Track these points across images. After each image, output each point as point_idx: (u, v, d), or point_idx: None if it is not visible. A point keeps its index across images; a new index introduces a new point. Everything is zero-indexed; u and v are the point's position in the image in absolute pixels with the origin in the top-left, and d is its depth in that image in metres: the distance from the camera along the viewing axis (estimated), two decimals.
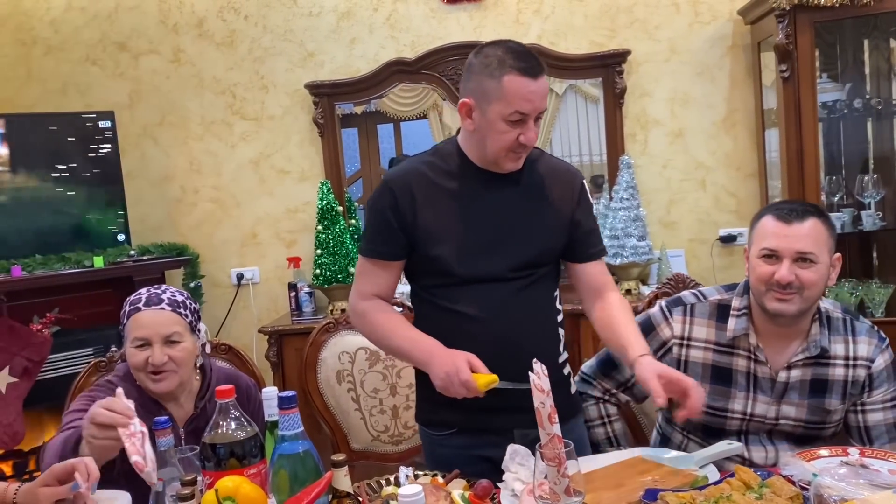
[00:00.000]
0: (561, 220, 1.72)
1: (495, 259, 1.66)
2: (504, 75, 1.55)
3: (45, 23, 3.75)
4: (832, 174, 3.25)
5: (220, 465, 1.27)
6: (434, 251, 1.66)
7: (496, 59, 1.57)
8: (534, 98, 1.56)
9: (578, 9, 3.55)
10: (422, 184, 1.68)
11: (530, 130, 1.59)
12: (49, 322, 3.13)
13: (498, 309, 1.66)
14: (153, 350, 1.66)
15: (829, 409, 1.69)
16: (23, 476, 3.24)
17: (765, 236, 1.65)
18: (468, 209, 1.67)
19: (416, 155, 1.78)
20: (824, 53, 3.32)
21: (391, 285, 1.75)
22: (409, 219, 1.67)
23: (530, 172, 1.71)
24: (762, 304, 1.65)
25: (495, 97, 1.56)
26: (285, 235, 3.76)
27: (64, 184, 3.35)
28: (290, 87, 3.69)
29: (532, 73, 1.56)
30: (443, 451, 1.74)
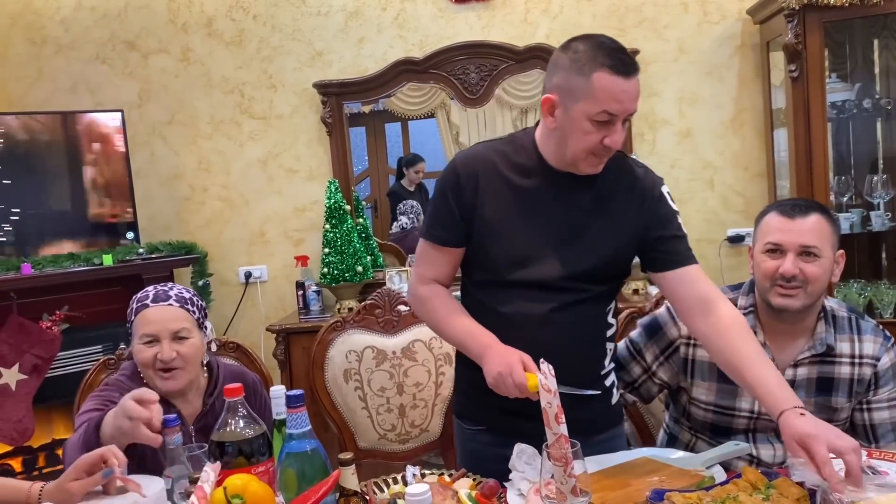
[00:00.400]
0: (631, 231, 1.60)
1: (549, 266, 1.57)
2: (594, 72, 1.44)
3: (55, 22, 3.77)
4: (841, 174, 3.24)
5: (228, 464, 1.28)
6: (488, 246, 1.60)
7: (587, 54, 1.46)
8: (624, 98, 1.46)
9: (587, 8, 3.55)
10: (489, 173, 1.59)
11: (616, 133, 1.48)
12: (58, 319, 3.16)
13: (544, 318, 1.57)
14: (162, 346, 1.66)
15: (836, 407, 1.69)
16: (32, 472, 3.27)
17: (768, 232, 1.66)
18: (532, 209, 1.58)
19: (489, 140, 1.68)
20: (833, 53, 3.31)
21: (450, 272, 1.68)
22: (469, 207, 1.59)
23: (606, 177, 1.59)
24: (767, 299, 1.66)
25: (583, 95, 1.46)
26: (293, 234, 3.77)
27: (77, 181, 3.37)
28: (298, 86, 3.70)
29: (625, 72, 1.45)
30: (472, 446, 1.72)
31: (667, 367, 1.78)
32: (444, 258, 1.66)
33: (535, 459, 1.43)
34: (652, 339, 1.79)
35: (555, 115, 1.52)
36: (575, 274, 1.57)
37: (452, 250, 1.65)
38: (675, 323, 1.77)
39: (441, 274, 1.67)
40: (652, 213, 1.61)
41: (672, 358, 1.76)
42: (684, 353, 1.75)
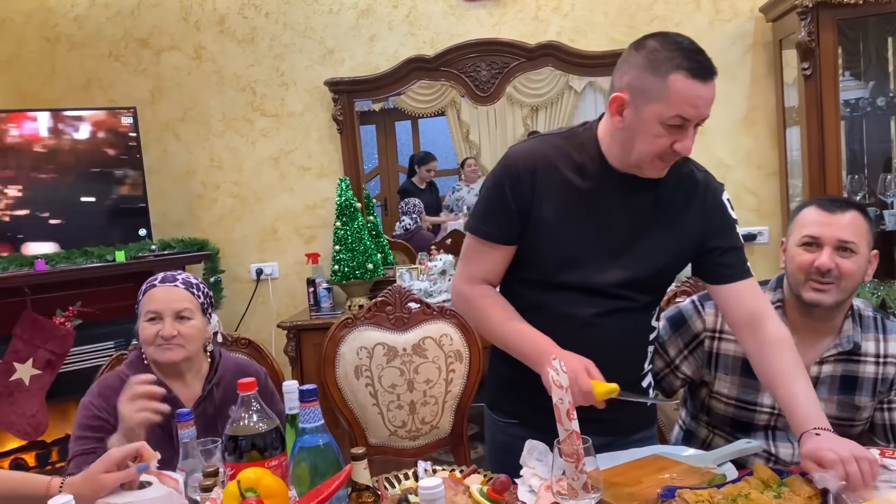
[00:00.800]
0: (689, 240, 1.57)
1: (601, 271, 1.53)
2: (670, 73, 1.38)
3: (69, 19, 3.79)
4: (854, 173, 3.22)
5: (241, 457, 1.29)
6: (540, 246, 1.54)
7: (664, 54, 1.39)
8: (700, 104, 1.40)
9: (598, 6, 3.54)
10: (547, 170, 1.52)
11: (687, 138, 1.42)
12: (71, 315, 3.18)
13: (587, 321, 1.53)
14: (164, 323, 1.74)
15: (859, 406, 1.69)
16: (45, 466, 3.30)
17: (806, 225, 1.65)
18: (589, 211, 1.52)
19: (546, 134, 1.61)
20: (847, 51, 3.29)
21: (501, 271, 1.60)
22: (527, 203, 1.52)
23: (668, 181, 1.53)
24: (799, 293, 1.65)
25: (656, 97, 1.39)
26: (304, 231, 3.79)
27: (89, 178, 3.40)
28: (309, 83, 3.71)
29: (703, 76, 1.39)
30: (503, 438, 1.70)
31: (691, 360, 1.78)
32: (496, 256, 1.58)
33: (547, 456, 1.43)
34: (676, 332, 1.79)
35: (623, 114, 1.45)
36: (626, 282, 1.54)
37: (505, 248, 1.57)
38: (700, 315, 1.76)
39: (491, 273, 1.60)
40: (711, 222, 1.58)
41: (696, 351, 1.76)
42: (709, 347, 1.75)
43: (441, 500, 1.08)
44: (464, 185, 3.99)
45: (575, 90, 3.71)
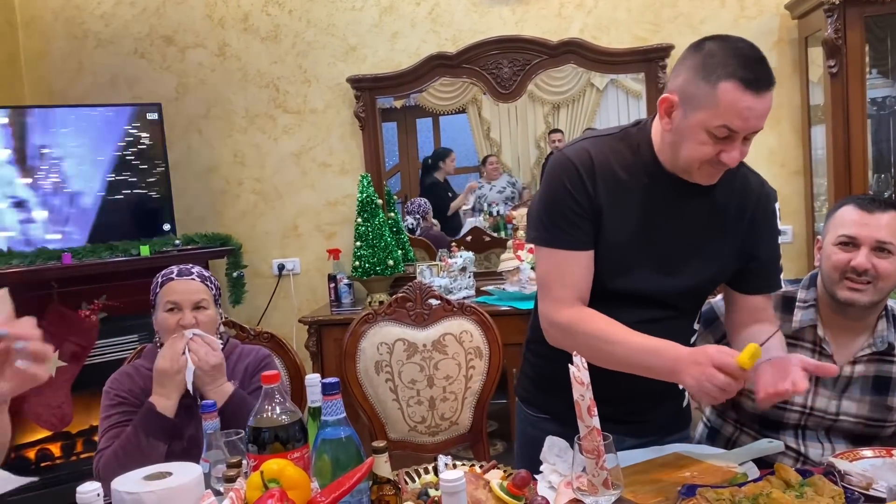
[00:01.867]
0: (739, 248, 1.53)
1: (650, 279, 1.49)
2: (721, 81, 1.32)
3: (95, 17, 3.84)
4: (881, 172, 3.18)
5: (264, 449, 1.30)
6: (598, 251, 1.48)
7: (719, 59, 1.33)
8: (750, 116, 1.33)
9: (621, 3, 3.53)
10: (604, 170, 1.46)
11: (735, 150, 1.36)
12: (97, 309, 3.23)
13: (637, 328, 1.45)
14: (184, 313, 1.84)
15: (892, 407, 1.67)
16: (70, 457, 3.35)
17: (843, 224, 1.64)
18: (644, 215, 1.47)
19: (597, 135, 1.54)
20: (874, 48, 3.24)
21: (588, 282, 1.48)
22: (590, 202, 1.45)
23: (723, 186, 1.48)
24: (833, 292, 1.64)
25: (704, 104, 1.34)
26: (325, 227, 3.81)
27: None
28: (332, 80, 3.73)
29: (756, 87, 1.31)
30: (533, 432, 1.67)
31: None
32: (581, 265, 1.47)
33: (567, 452, 1.43)
34: (708, 328, 1.78)
35: (672, 116, 1.40)
36: (675, 292, 1.50)
37: (588, 254, 1.47)
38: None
39: (582, 286, 1.48)
40: (761, 231, 1.54)
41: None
42: None
43: (463, 493, 1.09)
44: (484, 181, 3.99)
45: (597, 87, 3.70)
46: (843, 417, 1.68)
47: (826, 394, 1.68)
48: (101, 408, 1.85)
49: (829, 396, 1.68)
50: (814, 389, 1.69)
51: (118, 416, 1.82)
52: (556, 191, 1.47)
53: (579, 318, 1.47)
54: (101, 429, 1.83)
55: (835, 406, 1.68)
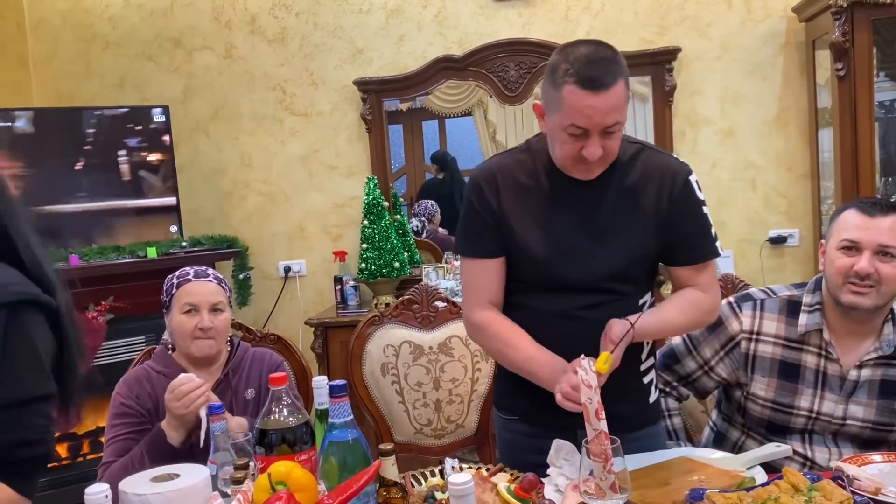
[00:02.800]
0: (654, 224, 1.58)
1: (578, 268, 1.57)
2: (564, 85, 1.42)
3: (104, 19, 3.86)
4: (888, 175, 3.17)
5: (271, 451, 1.31)
6: (513, 252, 1.60)
7: (562, 65, 1.43)
8: (592, 114, 1.41)
9: (628, 6, 3.52)
10: (508, 180, 1.60)
11: (593, 145, 1.45)
12: (104, 310, 3.24)
13: (572, 315, 1.57)
14: (202, 315, 1.83)
15: None
16: (76, 458, 3.36)
17: (846, 228, 1.64)
18: (549, 213, 1.58)
19: (505, 151, 1.70)
20: (882, 51, 3.23)
21: (501, 285, 1.64)
22: (496, 212, 1.60)
23: (625, 172, 1.58)
24: (837, 296, 1.64)
25: (556, 107, 1.46)
26: (332, 229, 3.82)
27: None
28: (339, 83, 3.74)
29: (592, 86, 1.40)
30: (507, 435, 1.75)
31: (727, 362, 1.76)
32: (491, 271, 1.62)
33: (574, 455, 1.43)
34: (712, 332, 1.77)
35: (544, 120, 1.54)
36: (605, 275, 1.57)
37: (496, 261, 1.62)
38: (738, 317, 1.75)
39: (493, 290, 1.63)
40: (674, 201, 1.58)
41: (732, 353, 1.75)
42: (745, 348, 1.74)
43: (471, 496, 1.09)
44: None
45: None
46: (850, 422, 1.68)
47: (833, 398, 1.68)
48: (108, 415, 1.84)
49: (835, 401, 1.67)
50: (820, 394, 1.68)
51: (122, 427, 1.80)
52: (467, 208, 1.64)
53: (489, 321, 1.62)
54: (106, 438, 1.83)
55: (841, 410, 1.67)
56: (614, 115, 1.43)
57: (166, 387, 1.82)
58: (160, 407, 1.82)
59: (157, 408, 1.82)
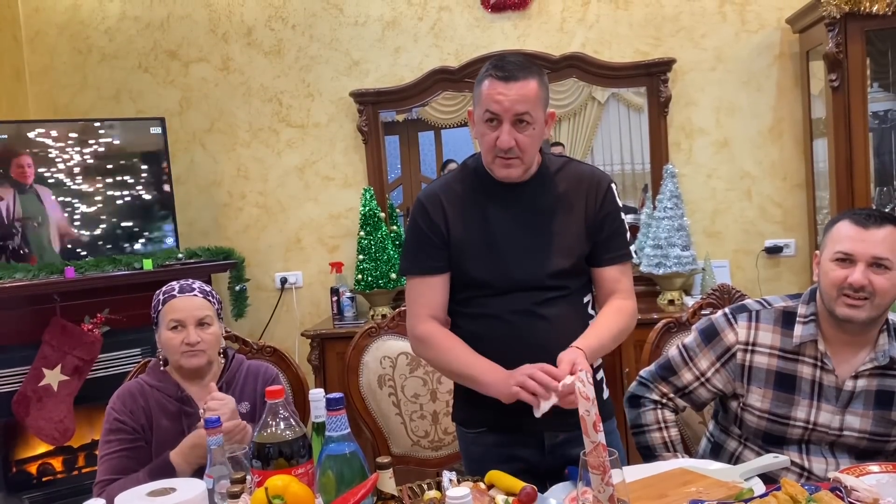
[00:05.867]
0: (585, 226, 1.74)
1: (527, 269, 1.69)
2: (483, 80, 1.64)
3: (100, 32, 3.87)
4: (883, 185, 3.18)
5: (268, 465, 1.30)
6: (467, 264, 1.71)
7: (485, 67, 1.66)
8: (502, 100, 1.60)
9: (623, 17, 3.54)
10: (451, 198, 1.74)
11: (504, 133, 1.62)
12: (99, 322, 3.23)
13: (530, 313, 1.69)
14: (188, 331, 1.83)
15: (895, 421, 1.66)
16: (72, 472, 3.34)
17: (840, 240, 1.63)
18: (494, 222, 1.71)
19: (447, 173, 1.85)
20: (875, 62, 3.25)
21: (445, 300, 1.75)
22: (443, 231, 1.72)
23: (555, 181, 1.75)
24: (832, 309, 1.63)
25: (476, 101, 1.67)
26: (328, 241, 3.81)
27: (118, 188, 3.45)
28: (335, 94, 3.74)
29: (505, 78, 1.61)
30: (476, 449, 1.79)
31: (723, 373, 1.76)
32: (436, 287, 1.74)
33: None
34: (708, 344, 1.77)
35: (474, 123, 1.71)
36: (553, 273, 1.70)
37: (441, 277, 1.74)
38: (734, 328, 1.75)
39: (436, 306, 1.74)
40: (599, 206, 1.74)
41: (728, 364, 1.74)
42: (741, 360, 1.73)
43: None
44: None
45: (598, 101, 3.71)
46: (846, 433, 1.67)
47: (829, 409, 1.67)
48: (102, 430, 1.84)
49: (832, 412, 1.67)
50: (816, 405, 1.68)
51: (116, 443, 1.79)
52: (412, 229, 1.77)
53: (432, 334, 1.72)
54: (100, 454, 1.82)
55: (838, 421, 1.67)
56: (524, 105, 1.61)
57: (160, 401, 1.83)
58: (154, 422, 1.82)
59: (150, 423, 1.82)
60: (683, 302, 3.28)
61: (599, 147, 3.73)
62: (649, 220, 3.43)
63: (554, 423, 1.59)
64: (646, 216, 3.49)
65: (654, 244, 3.31)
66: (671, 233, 3.28)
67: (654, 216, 3.38)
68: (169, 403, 1.84)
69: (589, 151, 3.71)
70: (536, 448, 1.71)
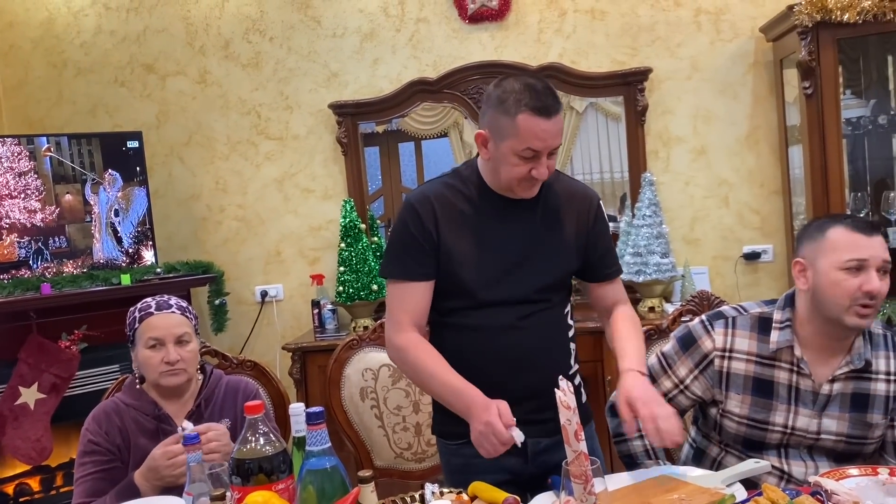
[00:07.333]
0: (577, 243, 1.76)
1: (515, 283, 1.69)
2: (519, 114, 1.57)
3: (75, 46, 3.84)
4: (857, 191, 3.22)
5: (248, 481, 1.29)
6: (454, 274, 1.69)
7: (513, 95, 1.59)
8: (546, 137, 1.58)
9: (600, 27, 3.57)
10: (443, 205, 1.71)
11: (542, 166, 1.62)
12: (77, 339, 3.19)
13: (513, 327, 1.69)
14: (167, 349, 1.80)
15: (871, 423, 1.68)
16: (49, 492, 3.28)
17: (845, 248, 1.60)
18: (486, 234, 1.70)
19: (435, 177, 1.81)
20: (847, 69, 3.30)
21: (426, 308, 1.73)
22: (434, 238, 1.69)
23: (547, 196, 1.74)
24: (839, 318, 1.61)
25: (509, 134, 1.59)
26: (309, 253, 3.80)
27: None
28: (314, 107, 3.74)
29: (546, 113, 1.57)
30: (457, 461, 1.78)
31: (701, 380, 1.77)
32: (417, 294, 1.71)
33: None
34: (686, 351, 1.78)
35: (488, 147, 1.66)
36: (539, 288, 1.71)
37: (425, 284, 1.71)
38: (710, 335, 1.76)
39: (419, 312, 1.72)
40: (593, 225, 1.78)
41: (706, 371, 1.75)
42: (719, 366, 1.74)
43: None
44: None
45: (577, 111, 3.73)
46: (824, 436, 1.69)
47: (807, 413, 1.69)
48: (77, 452, 1.81)
49: (809, 415, 1.68)
50: (794, 409, 1.69)
51: (91, 465, 1.77)
52: (400, 232, 1.73)
53: (411, 345, 1.69)
54: (76, 477, 1.79)
55: (815, 425, 1.68)
56: (560, 138, 1.63)
57: (136, 419, 1.80)
58: (131, 441, 1.79)
59: (127, 443, 1.80)
60: (664, 309, 3.30)
61: (578, 156, 3.75)
62: (628, 228, 3.45)
63: (535, 430, 1.60)
64: (625, 224, 3.51)
65: (633, 252, 3.33)
66: (650, 240, 3.30)
67: (633, 224, 3.40)
68: (146, 422, 1.81)
69: (568, 161, 3.73)
70: (519, 456, 1.71)
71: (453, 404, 1.63)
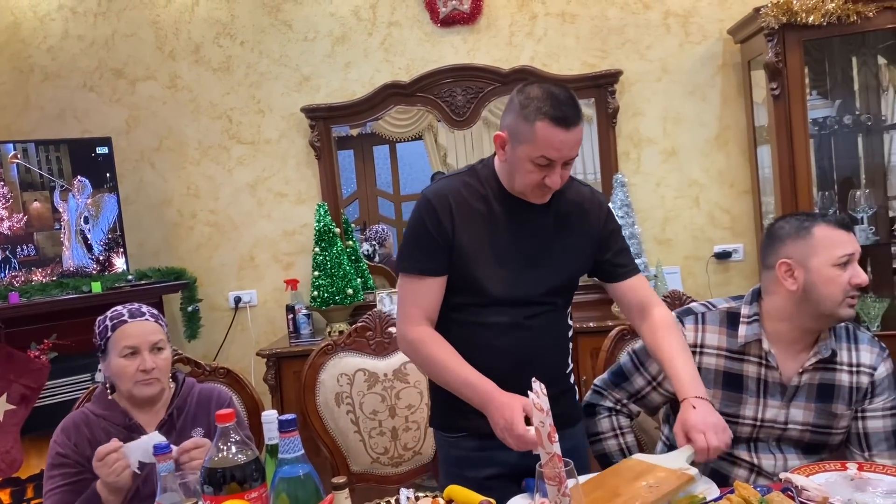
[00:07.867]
0: (589, 246, 1.78)
1: (525, 284, 1.70)
2: (537, 121, 1.57)
3: (42, 51, 3.78)
4: (824, 190, 3.28)
5: (220, 490, 1.28)
6: (468, 271, 1.70)
7: (534, 102, 1.59)
8: (563, 147, 1.59)
9: (570, 31, 3.60)
10: (459, 202, 1.71)
11: (555, 175, 1.62)
12: (47, 348, 3.14)
13: (519, 326, 1.71)
14: (143, 356, 1.77)
15: (837, 413, 1.71)
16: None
17: (834, 244, 1.65)
18: (500, 234, 1.71)
19: (453, 174, 1.81)
20: (814, 71, 3.36)
21: (436, 303, 1.73)
22: (449, 235, 1.69)
23: (560, 200, 1.75)
24: (834, 312, 1.66)
25: (525, 139, 1.60)
26: (283, 258, 3.77)
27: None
28: (286, 110, 3.72)
29: (564, 124, 1.57)
30: (456, 453, 1.79)
31: None
32: (431, 289, 1.71)
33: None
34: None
35: (505, 150, 1.66)
36: (549, 290, 1.73)
37: (437, 279, 1.71)
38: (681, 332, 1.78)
39: (431, 307, 1.72)
40: (604, 228, 1.79)
41: None
42: None
43: None
44: None
45: None
46: (791, 426, 1.72)
47: (775, 404, 1.72)
48: (46, 465, 1.78)
49: (777, 407, 1.72)
50: (763, 402, 1.72)
51: (60, 478, 1.75)
52: (416, 227, 1.73)
53: (425, 339, 1.70)
54: (44, 490, 1.77)
55: (783, 415, 1.72)
56: (576, 149, 1.62)
57: (107, 430, 1.77)
58: None
59: None
60: None
61: None
62: None
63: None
64: None
65: None
66: None
67: None
68: (117, 432, 1.78)
69: None
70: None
71: (470, 397, 1.64)
